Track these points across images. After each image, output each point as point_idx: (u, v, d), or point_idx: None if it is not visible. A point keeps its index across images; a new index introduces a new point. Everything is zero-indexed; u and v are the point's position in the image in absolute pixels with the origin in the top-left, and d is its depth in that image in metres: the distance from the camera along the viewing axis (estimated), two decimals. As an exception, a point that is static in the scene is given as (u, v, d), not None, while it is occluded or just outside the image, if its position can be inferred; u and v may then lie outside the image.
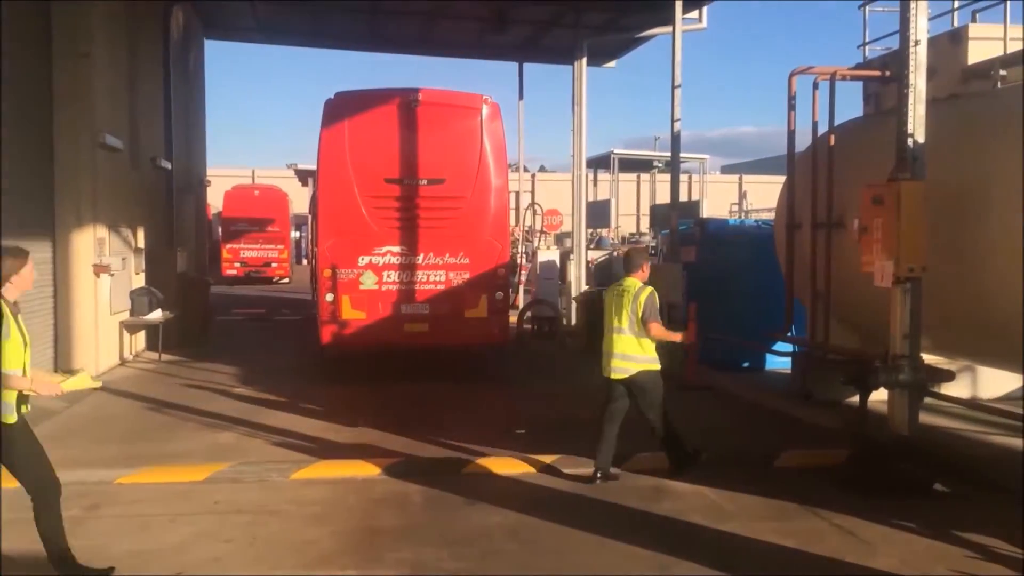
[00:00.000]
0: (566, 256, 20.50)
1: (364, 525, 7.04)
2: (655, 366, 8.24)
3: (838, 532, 6.92)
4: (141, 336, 15.92)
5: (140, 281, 15.80)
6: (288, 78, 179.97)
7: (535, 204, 24.05)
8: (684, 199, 21.33)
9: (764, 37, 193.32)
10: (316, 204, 14.28)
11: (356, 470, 8.38)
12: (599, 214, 27.07)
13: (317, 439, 9.72)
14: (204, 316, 17.78)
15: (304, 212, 37.66)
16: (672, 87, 14.57)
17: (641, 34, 19.57)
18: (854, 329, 11.23)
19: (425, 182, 13.20)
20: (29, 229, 11.56)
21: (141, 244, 15.99)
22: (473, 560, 6.35)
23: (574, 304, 18.56)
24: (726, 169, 72.65)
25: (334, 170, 13.17)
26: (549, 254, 20.36)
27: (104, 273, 13.48)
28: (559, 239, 26.07)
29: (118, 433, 10.00)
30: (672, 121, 14.79)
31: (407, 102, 13.32)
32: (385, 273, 13.13)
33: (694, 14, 17.79)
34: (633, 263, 8.48)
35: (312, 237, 17.78)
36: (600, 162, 34.73)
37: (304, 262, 42.29)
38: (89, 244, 13.19)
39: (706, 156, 36.98)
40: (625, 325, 8.15)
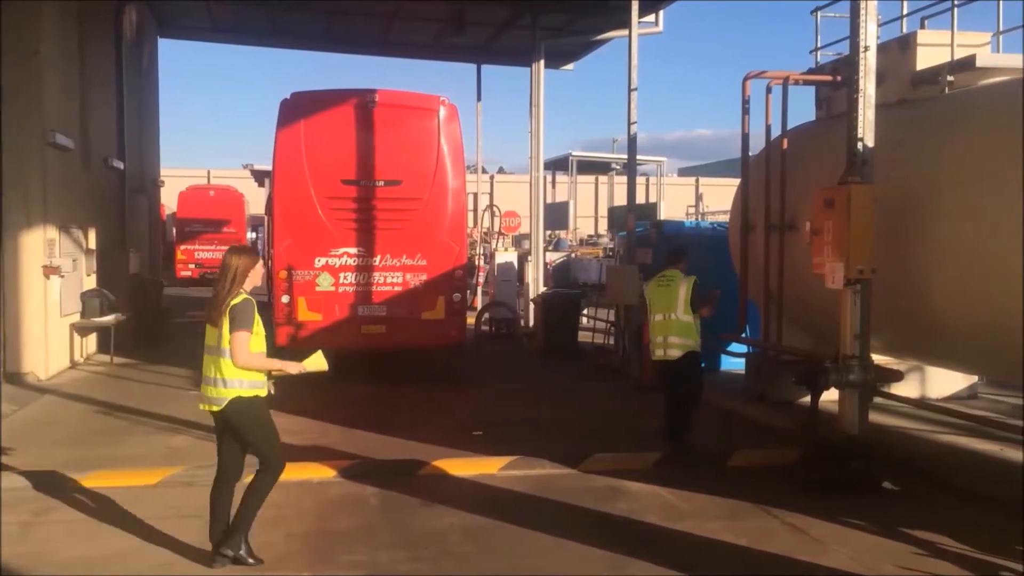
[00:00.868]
0: (524, 258, 20.55)
1: (319, 528, 7.01)
2: (698, 348, 9.36)
3: (790, 530, 7.03)
4: (92, 339, 15.67)
5: (92, 283, 15.55)
6: (245, 78, 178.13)
7: (493, 206, 24.07)
8: (641, 201, 21.48)
9: (720, 41, 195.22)
10: (272, 205, 14.17)
11: (311, 472, 8.32)
12: (557, 216, 27.23)
13: (272, 442, 9.62)
14: (158, 318, 17.56)
15: (260, 213, 37.26)
16: (628, 90, 14.66)
17: (598, 37, 19.69)
18: (806, 330, 11.39)
19: (382, 183, 13.16)
20: (-24, 229, 11.34)
21: (93, 245, 15.74)
22: (429, 562, 6.34)
23: (532, 306, 18.59)
24: (683, 171, 73.19)
25: (290, 171, 13.08)
26: (507, 256, 20.37)
27: (54, 275, 13.24)
28: (517, 241, 26.11)
29: (68, 437, 9.85)
30: (629, 124, 14.88)
31: (364, 103, 13.27)
32: (342, 275, 13.06)
33: (650, 18, 17.92)
34: (674, 257, 9.69)
35: (268, 238, 17.63)
36: (558, 164, 34.91)
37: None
38: (39, 245, 12.95)
39: (663, 158, 37.31)
40: (676, 311, 9.18)
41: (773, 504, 7.56)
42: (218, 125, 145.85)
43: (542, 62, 19.21)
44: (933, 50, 9.80)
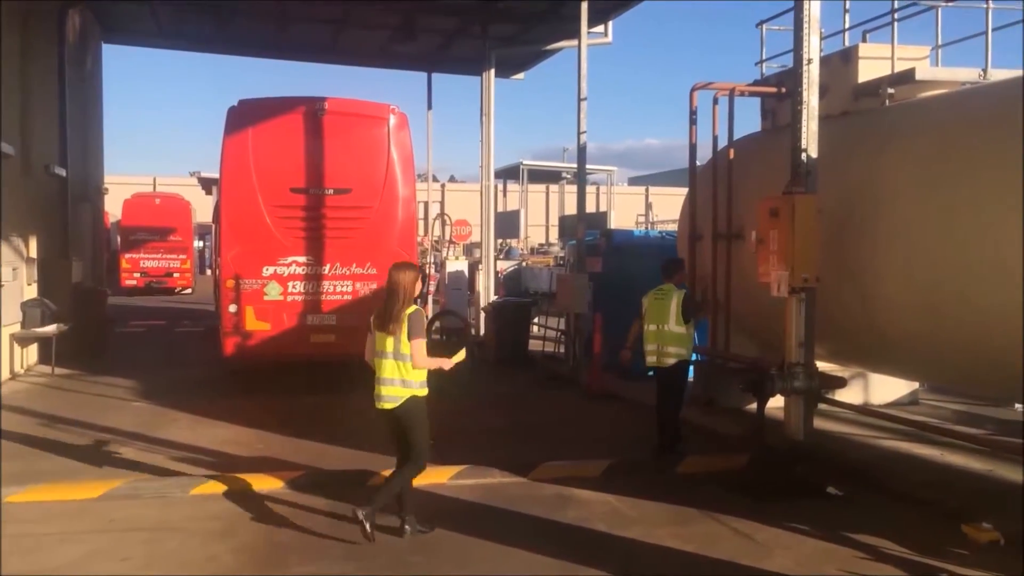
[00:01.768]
0: (475, 266, 20.55)
1: (267, 540, 6.92)
2: (687, 357, 9.73)
3: (735, 535, 7.11)
4: (33, 349, 15.33)
5: (32, 292, 15.21)
6: (192, 84, 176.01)
7: (444, 214, 24.04)
8: (592, 210, 21.63)
9: (668, 53, 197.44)
10: (219, 213, 14.00)
11: (259, 484, 8.22)
12: (508, 225, 27.25)
13: (219, 453, 9.52)
14: (101, 328, 17.21)
15: (208, 221, 36.88)
16: (578, 99, 14.77)
17: (548, 47, 19.78)
18: (753, 338, 11.55)
19: (331, 192, 13.08)
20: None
21: (34, 254, 15.40)
22: (378, 573, 6.31)
23: (483, 314, 18.60)
24: (633, 181, 73.94)
25: (238, 179, 12.95)
26: (458, 264, 20.34)
27: (-7, 284, 12.95)
28: (468, 249, 26.09)
29: (8, 450, 9.58)
30: (579, 133, 15.00)
31: (313, 111, 13.19)
32: (291, 283, 12.95)
33: (599, 28, 18.09)
34: (670, 270, 9.95)
35: (215, 247, 17.42)
36: (510, 173, 35.00)
37: (208, 272, 41.38)
38: (-23, 254, 12.65)
39: (613, 168, 37.66)
40: (669, 322, 9.49)
41: (720, 510, 7.65)
42: (165, 132, 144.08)
43: (493, 71, 19.29)
44: (874, 63, 10.01)
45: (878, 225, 8.61)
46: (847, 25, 11.20)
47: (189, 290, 36.14)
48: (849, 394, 10.59)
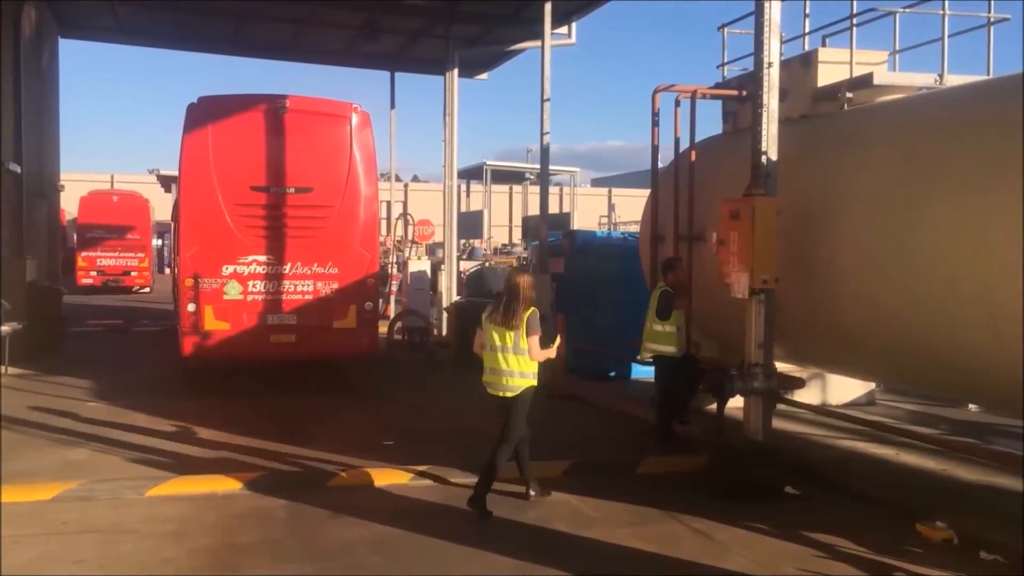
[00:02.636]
0: (437, 266, 20.49)
1: (224, 542, 6.84)
2: (665, 352, 10.24)
3: (695, 535, 7.15)
4: (-14, 349, 15.01)
5: (-15, 290, 14.91)
6: (151, 81, 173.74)
7: (407, 214, 23.95)
8: (555, 211, 21.65)
9: (632, 54, 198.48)
10: (178, 211, 13.83)
11: (216, 485, 8.13)
12: (472, 225, 27.21)
13: (176, 454, 9.39)
14: (56, 327, 16.93)
15: (167, 219, 36.43)
16: (541, 100, 14.78)
17: (512, 47, 19.78)
18: (714, 338, 11.63)
19: (293, 190, 12.97)
20: None
21: (-13, 252, 15.11)
22: (336, 573, 6.26)
23: (445, 315, 18.54)
24: (596, 182, 74.19)
25: (197, 177, 12.78)
26: (420, 264, 20.26)
27: (-56, 282, 12.67)
28: (431, 249, 25.99)
29: (-42, 452, 9.39)
30: (542, 134, 15.01)
31: (274, 108, 13.07)
32: (250, 283, 12.81)
33: (563, 30, 18.11)
34: (663, 270, 10.55)
35: (174, 245, 17.20)
36: (473, 173, 34.92)
37: (167, 271, 40.88)
38: (-72, 251, 12.37)
39: (576, 169, 37.71)
40: (649, 319, 10.26)
41: (680, 510, 7.69)
42: (123, 129, 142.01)
43: (456, 71, 19.23)
44: (834, 67, 10.11)
45: (837, 226, 8.70)
46: (807, 29, 11.30)
47: (147, 289, 35.69)
48: (807, 395, 10.73)
